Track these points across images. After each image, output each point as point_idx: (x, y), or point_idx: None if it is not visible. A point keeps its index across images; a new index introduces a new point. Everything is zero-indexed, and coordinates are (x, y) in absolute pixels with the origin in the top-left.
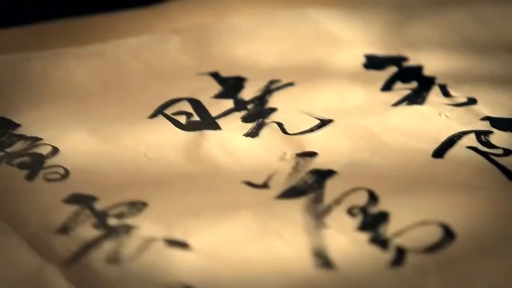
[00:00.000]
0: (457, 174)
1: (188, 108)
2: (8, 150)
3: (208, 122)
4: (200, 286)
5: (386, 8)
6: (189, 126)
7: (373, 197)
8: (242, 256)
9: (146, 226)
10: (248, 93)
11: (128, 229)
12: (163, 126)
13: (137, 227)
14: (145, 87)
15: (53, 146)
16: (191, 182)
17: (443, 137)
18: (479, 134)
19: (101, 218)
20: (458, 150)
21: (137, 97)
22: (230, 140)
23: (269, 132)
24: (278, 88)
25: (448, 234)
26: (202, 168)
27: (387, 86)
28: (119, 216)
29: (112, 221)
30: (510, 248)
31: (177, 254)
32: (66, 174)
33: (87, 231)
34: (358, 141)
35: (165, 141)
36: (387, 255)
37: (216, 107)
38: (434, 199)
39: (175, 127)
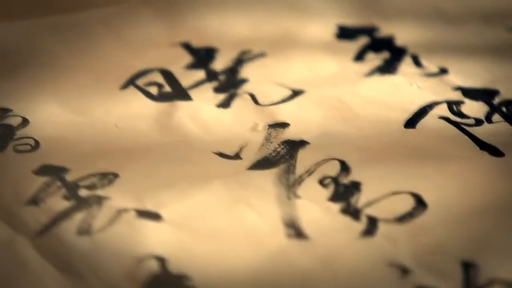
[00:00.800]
0: (429, 144)
1: (160, 79)
2: None
3: (180, 93)
4: (172, 257)
5: None
6: (161, 97)
7: (345, 168)
8: (214, 227)
9: (117, 197)
10: (219, 63)
11: (99, 200)
12: (134, 97)
13: (108, 198)
14: (116, 58)
15: (23, 117)
16: (162, 153)
17: (415, 107)
18: (450, 104)
19: (71, 189)
20: (430, 120)
21: (108, 67)
22: (202, 111)
23: (241, 103)
24: (250, 59)
25: (420, 203)
26: (173, 139)
27: (359, 56)
28: (90, 187)
29: (83, 192)
30: (480, 217)
31: (148, 225)
32: (36, 145)
33: (58, 202)
34: (330, 112)
35: (136, 112)
36: (359, 225)
37: (187, 78)
38: (405, 169)
39: (146, 98)
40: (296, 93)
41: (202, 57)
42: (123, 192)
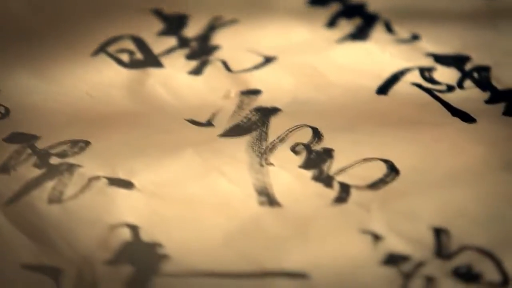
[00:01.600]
0: (401, 111)
1: (131, 46)
2: None
3: (151, 60)
4: (144, 224)
5: None
6: (132, 64)
7: (317, 135)
8: (186, 195)
9: (88, 165)
10: (191, 30)
11: (70, 168)
12: (106, 64)
13: (79, 166)
14: (87, 24)
15: None
16: (134, 121)
17: (387, 74)
18: (423, 70)
19: (42, 157)
20: (402, 86)
21: (79, 34)
22: (174, 78)
23: (213, 69)
24: (222, 26)
25: (392, 170)
26: (145, 107)
27: (331, 23)
28: (61, 155)
29: (54, 160)
30: (452, 184)
31: (120, 193)
32: (6, 112)
33: (29, 170)
34: (302, 79)
35: (107, 79)
36: (331, 192)
37: (159, 45)
38: (378, 135)
39: (118, 65)
40: (268, 60)
41: (173, 24)
42: (94, 160)
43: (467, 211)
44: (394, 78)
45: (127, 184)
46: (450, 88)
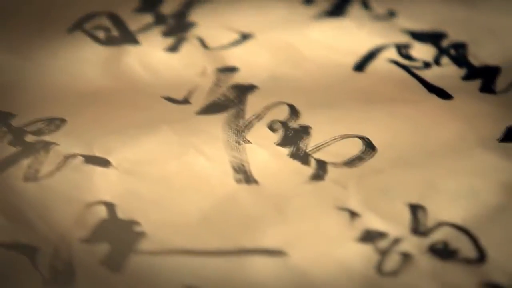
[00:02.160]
0: (378, 87)
1: (107, 23)
2: None
3: (127, 37)
4: (121, 202)
5: None
6: (108, 42)
7: (294, 112)
8: (163, 173)
9: (64, 143)
10: (168, 7)
11: (46, 146)
12: (82, 41)
13: (55, 144)
14: (63, 1)
15: None
16: (110, 99)
17: (363, 51)
18: (399, 47)
19: (18, 135)
20: (379, 63)
21: (55, 11)
22: (150, 55)
23: (189, 47)
24: (199, 2)
25: (369, 147)
26: (122, 84)
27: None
28: (37, 133)
29: (30, 138)
30: (429, 161)
31: (97, 171)
32: None
33: (4, 148)
34: (279, 55)
35: (83, 56)
36: (308, 169)
37: (135, 22)
38: (354, 112)
39: (94, 43)
40: (245, 37)
41: (150, 0)
42: (70, 138)
43: (443, 187)
44: (371, 55)
45: (103, 162)
46: (426, 65)
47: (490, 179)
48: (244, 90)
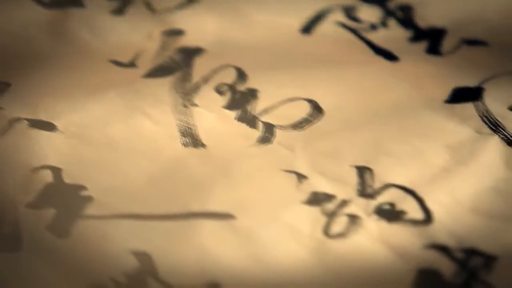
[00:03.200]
0: (325, 50)
1: None
2: None
3: (72, 0)
4: (67, 167)
5: None
6: (53, 4)
7: (241, 75)
8: (109, 136)
9: (9, 107)
10: None
11: None
12: (26, 3)
13: (0, 108)
14: None
15: None
16: (56, 62)
17: (310, 13)
18: (346, 9)
19: None
20: (326, 25)
21: None
22: (95, 18)
23: (135, 10)
24: None
25: (316, 109)
26: (67, 47)
27: None
28: None
29: None
30: (375, 123)
31: (42, 135)
32: None
33: None
34: (225, 18)
35: (28, 19)
36: (256, 132)
37: None
38: (302, 75)
39: (37, 5)
40: (191, 0)
41: None
42: (15, 102)
43: (390, 149)
44: (318, 17)
45: (49, 126)
46: (373, 27)
47: (436, 141)
48: (190, 53)
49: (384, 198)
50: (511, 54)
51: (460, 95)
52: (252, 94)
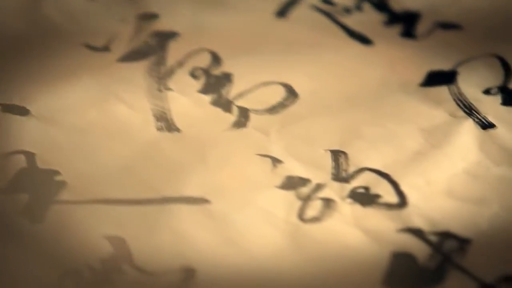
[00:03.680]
0: (300, 34)
1: None
2: None
3: None
4: (40, 152)
5: None
6: None
7: (216, 59)
8: (84, 121)
9: None
10: None
11: None
12: None
13: None
14: None
15: None
16: (28, 46)
17: None
18: None
19: None
20: (301, 9)
21: None
22: (69, 2)
23: None
24: None
25: (291, 93)
26: (40, 31)
27: None
28: None
29: None
30: (350, 107)
31: (15, 120)
32: None
33: None
34: (200, 2)
35: (0, 3)
36: (231, 117)
37: None
38: (277, 59)
39: None
40: None
41: None
42: None
43: (364, 133)
44: (293, 1)
45: (22, 111)
46: (347, 11)
47: (411, 124)
48: (165, 37)
49: (358, 182)
50: (485, 37)
51: (434, 79)
52: (226, 78)
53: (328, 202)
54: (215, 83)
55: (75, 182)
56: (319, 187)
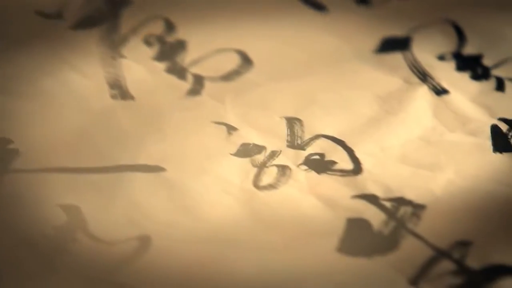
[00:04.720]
0: (255, 1)
1: None
2: None
3: None
4: None
5: None
6: None
7: (170, 26)
8: (37, 89)
9: None
10: None
11: None
12: None
13: None
14: None
15: None
16: None
17: None
18: None
19: None
20: None
21: None
22: None
23: None
24: None
25: (246, 61)
26: None
27: None
28: None
29: None
30: (305, 73)
31: None
32: None
33: None
34: None
35: None
36: (185, 84)
37: None
38: (231, 26)
39: None
40: None
41: None
42: None
43: (319, 100)
44: None
45: None
46: None
47: (365, 91)
48: (118, 4)
49: (313, 149)
50: (439, 4)
51: (388, 45)
52: (181, 45)
53: (283, 169)
54: (169, 51)
55: (28, 150)
56: (274, 154)
